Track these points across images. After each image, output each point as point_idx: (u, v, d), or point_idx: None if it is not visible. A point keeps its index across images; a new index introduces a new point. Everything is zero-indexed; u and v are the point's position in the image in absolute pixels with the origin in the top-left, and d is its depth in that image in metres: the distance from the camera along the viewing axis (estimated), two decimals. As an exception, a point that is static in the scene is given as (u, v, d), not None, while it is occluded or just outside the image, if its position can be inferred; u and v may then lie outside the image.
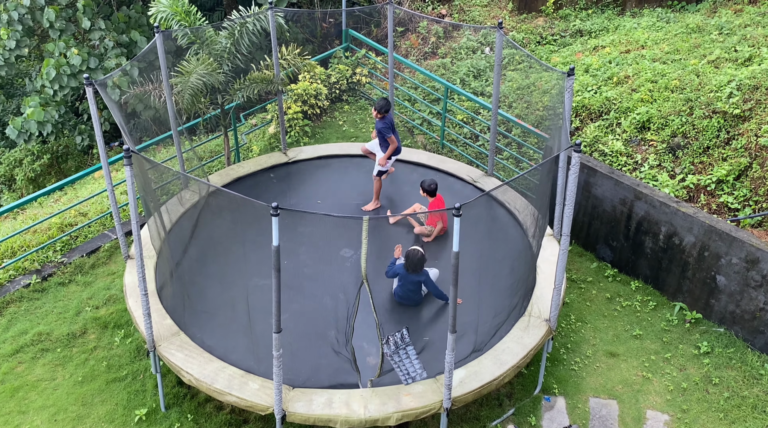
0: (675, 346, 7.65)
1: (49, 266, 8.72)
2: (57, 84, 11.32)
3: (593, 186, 8.51)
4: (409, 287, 7.03)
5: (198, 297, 7.16)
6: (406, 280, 7.02)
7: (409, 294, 7.08)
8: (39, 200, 10.97)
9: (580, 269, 8.70)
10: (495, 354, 6.55)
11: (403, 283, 7.05)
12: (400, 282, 7.09)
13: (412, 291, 7.06)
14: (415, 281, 7.00)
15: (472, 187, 8.92)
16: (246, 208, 6.83)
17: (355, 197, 8.79)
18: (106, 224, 9.42)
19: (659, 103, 9.24)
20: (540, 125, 10.10)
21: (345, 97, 11.85)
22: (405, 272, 7.00)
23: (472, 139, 10.61)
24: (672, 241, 7.94)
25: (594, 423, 6.89)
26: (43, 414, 6.98)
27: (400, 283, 7.10)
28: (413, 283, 7.01)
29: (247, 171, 9.17)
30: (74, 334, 7.82)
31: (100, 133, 7.10)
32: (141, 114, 11.20)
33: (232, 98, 8.90)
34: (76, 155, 13.50)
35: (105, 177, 7.39)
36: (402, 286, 7.08)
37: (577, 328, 7.90)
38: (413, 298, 7.11)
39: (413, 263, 6.94)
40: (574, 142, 5.74)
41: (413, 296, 7.09)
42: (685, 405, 7.03)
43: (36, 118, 11.44)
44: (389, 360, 6.56)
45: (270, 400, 6.11)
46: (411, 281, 7.00)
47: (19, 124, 11.52)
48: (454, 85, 10.47)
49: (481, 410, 6.97)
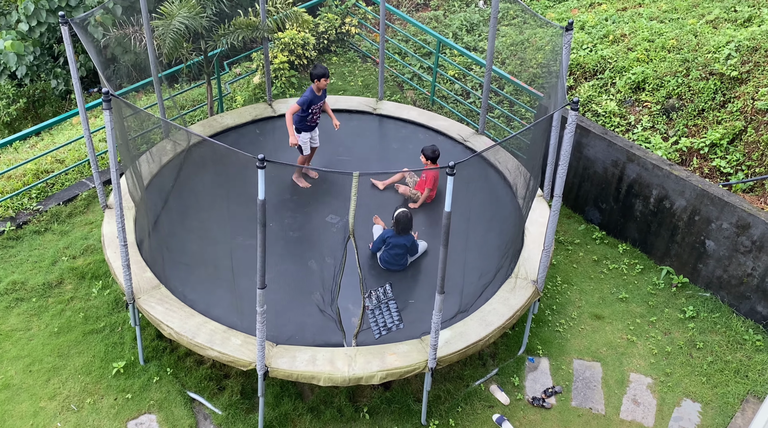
0: (660, 310, 7.64)
1: (24, 213, 8.45)
2: (35, 20, 10.78)
3: (585, 146, 8.35)
4: (397, 250, 6.87)
5: (179, 250, 6.97)
6: (394, 243, 6.85)
7: (395, 258, 6.91)
8: (14, 145, 10.60)
9: (568, 231, 8.61)
10: (481, 315, 6.47)
11: (391, 247, 6.88)
12: (387, 247, 6.92)
13: (399, 255, 6.90)
14: (402, 244, 6.84)
15: (462, 147, 8.71)
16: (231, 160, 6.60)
17: (342, 154, 8.55)
18: (84, 172, 9.12)
19: (655, 63, 9.04)
20: (533, 83, 9.86)
21: (333, 47, 11.49)
22: (393, 235, 6.84)
23: (463, 95, 10.36)
24: (663, 205, 7.85)
25: (577, 385, 6.88)
26: (18, 365, 6.82)
27: (386, 248, 6.93)
28: (401, 246, 6.86)
29: (230, 122, 8.87)
30: (50, 284, 7.62)
31: (76, 75, 6.77)
32: (120, 59, 10.76)
33: (216, 45, 8.54)
34: (54, 100, 13.03)
35: (82, 122, 7.08)
36: (389, 250, 6.91)
37: (563, 290, 7.85)
38: (400, 263, 6.95)
39: (403, 224, 6.78)
40: (571, 99, 5.55)
41: (400, 260, 6.94)
42: (668, 368, 7.05)
43: (16, 50, 10.88)
44: (369, 315, 6.47)
45: (252, 356, 6.00)
46: (399, 243, 6.84)
47: None
48: (447, 39, 10.16)
49: (464, 369, 6.93)
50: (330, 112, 8.05)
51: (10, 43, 10.87)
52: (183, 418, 6.46)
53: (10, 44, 10.86)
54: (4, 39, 11.06)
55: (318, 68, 7.52)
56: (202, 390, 6.68)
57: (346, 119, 9.16)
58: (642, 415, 6.64)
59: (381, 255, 6.99)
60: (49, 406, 6.50)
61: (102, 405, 6.53)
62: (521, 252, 7.10)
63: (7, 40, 10.95)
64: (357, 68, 11.23)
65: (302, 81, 10.82)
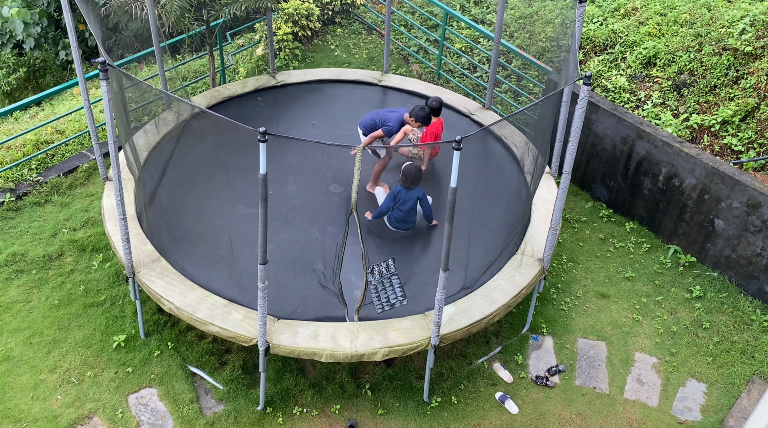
0: (667, 289, 7.54)
1: (23, 184, 8.35)
2: None
3: (594, 123, 8.19)
4: (408, 205, 6.78)
5: (178, 224, 6.87)
6: (405, 199, 6.77)
7: (406, 215, 6.83)
8: (15, 115, 10.47)
9: (575, 208, 8.49)
10: (486, 292, 6.39)
11: (402, 202, 6.80)
12: (398, 204, 6.83)
13: (409, 210, 6.81)
14: (413, 198, 6.77)
15: (468, 120, 8.56)
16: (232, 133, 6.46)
17: (346, 127, 8.40)
18: (85, 143, 9.00)
19: (667, 37, 8.83)
20: (542, 57, 9.67)
21: (338, 19, 11.26)
22: (402, 190, 6.75)
23: (470, 69, 10.16)
24: (672, 183, 7.71)
25: (581, 364, 6.82)
26: (18, 337, 6.78)
27: (398, 205, 6.84)
28: (411, 201, 6.77)
29: (232, 93, 8.72)
30: (50, 256, 7.55)
31: (75, 43, 6.60)
32: (123, 28, 10.55)
33: (218, 15, 8.35)
34: (55, 70, 12.85)
35: (81, 92, 6.94)
36: (400, 207, 6.82)
37: (569, 268, 7.75)
38: (410, 219, 6.88)
39: (412, 176, 6.71)
40: (584, 74, 5.39)
41: (410, 216, 6.86)
42: (674, 348, 6.97)
43: (22, 17, 10.63)
44: (371, 290, 6.39)
45: (254, 331, 5.93)
46: (410, 198, 6.76)
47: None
48: (454, 11, 9.93)
49: (467, 347, 6.87)
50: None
51: (17, 10, 10.64)
52: (184, 392, 6.42)
53: (16, 11, 10.63)
54: (9, 6, 10.84)
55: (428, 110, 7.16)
56: (204, 365, 6.63)
57: (352, 91, 9.01)
58: (646, 395, 6.58)
59: (390, 214, 6.89)
60: (50, 379, 6.46)
61: (102, 378, 6.50)
62: (528, 229, 6.99)
63: (13, 8, 10.73)
64: (362, 40, 11.03)
65: (306, 53, 10.63)
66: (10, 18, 10.60)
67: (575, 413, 6.43)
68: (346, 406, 6.38)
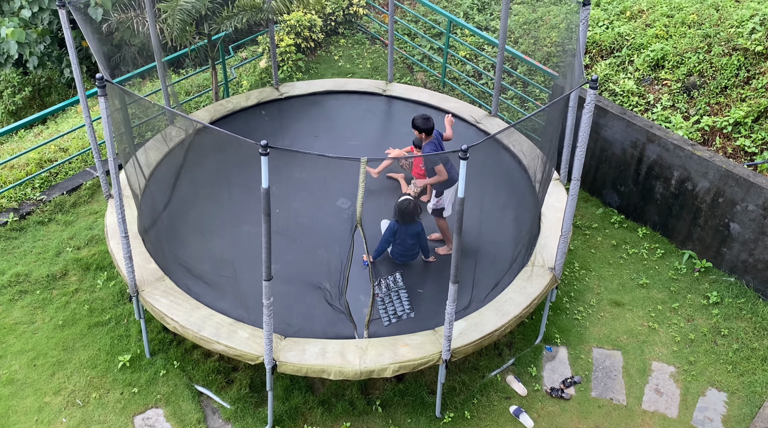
0: (683, 296, 7.36)
1: (27, 204, 8.28)
2: (37, 5, 10.55)
3: (603, 127, 8.04)
4: (408, 241, 6.56)
5: (181, 242, 6.76)
6: (403, 234, 6.55)
7: (407, 249, 6.61)
8: (19, 134, 10.43)
9: (585, 215, 8.33)
10: (497, 304, 6.23)
11: (401, 239, 6.57)
12: (396, 241, 6.63)
13: (411, 245, 6.60)
14: (414, 232, 6.55)
15: (474, 129, 8.43)
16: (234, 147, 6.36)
17: (351, 137, 8.29)
18: (88, 161, 8.93)
19: (675, 39, 8.68)
20: (547, 62, 9.54)
21: (341, 29, 11.19)
22: (398, 226, 6.54)
23: (475, 76, 10.04)
24: (684, 187, 7.54)
25: (597, 374, 6.65)
26: (22, 359, 6.68)
27: (396, 241, 6.65)
28: (411, 236, 6.55)
29: (236, 106, 8.64)
30: (54, 276, 7.46)
31: (75, 60, 6.54)
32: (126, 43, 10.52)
33: (220, 28, 8.28)
34: (60, 88, 12.84)
35: (83, 109, 6.87)
36: (400, 242, 6.60)
37: (581, 276, 7.58)
38: (412, 253, 6.67)
39: (408, 213, 6.45)
40: (590, 77, 5.26)
41: (412, 250, 6.64)
42: (692, 356, 6.79)
43: (17, 38, 10.64)
44: (378, 303, 6.25)
45: (260, 349, 5.81)
46: (409, 233, 6.54)
47: None
48: (458, 18, 9.83)
49: (480, 360, 6.71)
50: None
51: (11, 30, 10.63)
52: (191, 412, 6.30)
53: (11, 32, 10.62)
54: (6, 26, 10.82)
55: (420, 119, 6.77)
56: (210, 384, 6.51)
57: (356, 102, 8.91)
58: (665, 405, 6.39)
59: (392, 249, 6.72)
60: (54, 401, 6.35)
61: (108, 399, 6.38)
62: (537, 238, 6.84)
63: (9, 28, 10.72)
64: (365, 50, 10.94)
65: (309, 64, 10.55)
66: (5, 38, 10.59)
67: (592, 426, 6.25)
68: (357, 423, 6.23)
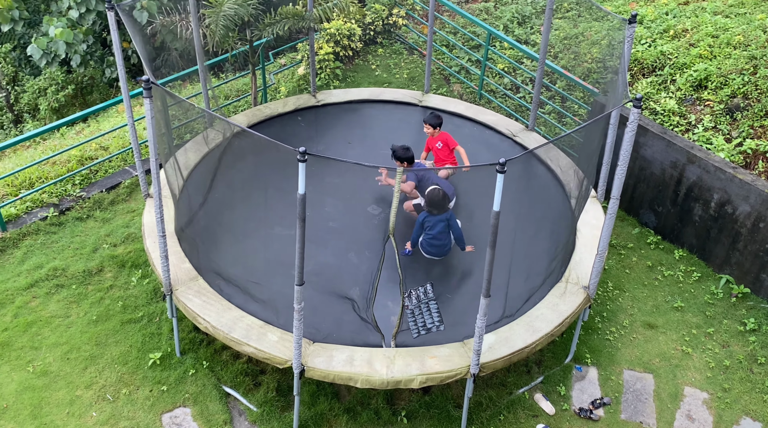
0: (719, 321, 7.20)
1: (67, 200, 8.46)
2: (84, 7, 10.82)
3: (642, 146, 7.93)
4: (438, 228, 6.51)
5: (215, 243, 6.84)
6: (432, 224, 6.53)
7: (437, 240, 6.57)
8: (61, 131, 10.68)
9: (621, 234, 8.21)
10: (528, 320, 6.17)
11: (431, 227, 6.55)
12: (427, 230, 6.62)
13: (441, 233, 6.54)
14: (442, 220, 6.51)
15: (510, 142, 8.39)
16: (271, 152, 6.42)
17: (384, 147, 8.30)
18: (128, 160, 9.10)
19: (719, 60, 8.55)
20: (587, 78, 9.46)
21: (379, 39, 11.25)
22: (428, 216, 6.53)
23: (512, 90, 10.00)
24: (724, 210, 7.40)
25: (627, 397, 6.53)
26: (56, 352, 6.80)
27: (426, 231, 6.63)
28: (440, 223, 6.50)
29: (273, 112, 8.73)
30: (90, 272, 7.59)
31: (121, 62, 6.68)
32: (169, 46, 10.71)
33: (261, 34, 8.39)
34: (102, 87, 13.13)
35: (126, 110, 7.00)
36: (429, 232, 6.57)
37: (615, 296, 7.47)
38: (442, 243, 6.61)
39: (437, 203, 6.45)
40: (635, 96, 5.19)
41: (441, 240, 6.58)
42: (726, 383, 6.63)
43: (65, 38, 10.93)
44: (408, 314, 6.24)
45: (289, 353, 5.83)
46: (438, 221, 6.49)
47: (44, 44, 11.03)
48: (498, 31, 9.81)
49: (508, 376, 6.65)
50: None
51: (60, 31, 10.93)
52: (218, 413, 6.34)
53: (59, 32, 10.92)
54: (54, 26, 11.13)
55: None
56: (238, 385, 6.55)
57: (392, 112, 8.93)
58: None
59: (421, 242, 6.70)
60: (85, 395, 6.45)
61: (137, 396, 6.46)
62: (572, 256, 6.76)
63: (58, 28, 11.02)
64: (403, 60, 10.98)
65: (346, 73, 10.62)
66: (54, 38, 10.88)
67: (620, 449, 6.14)
68: (381, 433, 6.21)
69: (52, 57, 11.25)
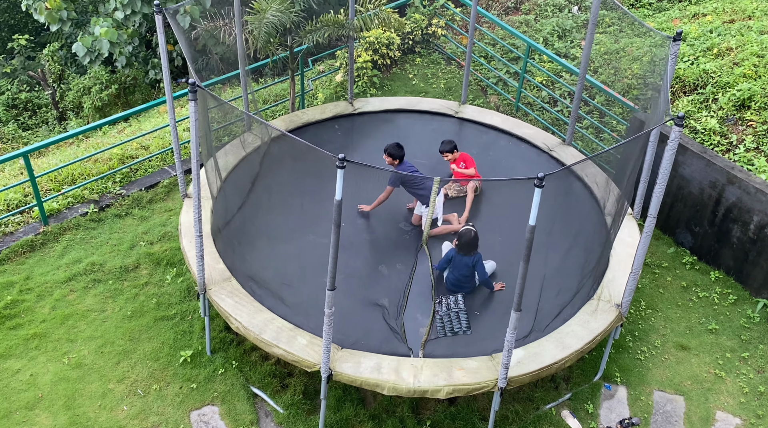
0: (754, 346, 7.06)
1: (107, 197, 8.66)
2: (130, 8, 11.10)
3: (681, 165, 7.83)
4: (462, 271, 6.49)
5: (250, 245, 6.94)
6: (459, 264, 6.50)
7: (461, 279, 6.54)
8: (103, 129, 10.94)
9: (656, 253, 8.11)
10: (558, 336, 6.13)
11: (457, 266, 6.53)
12: (452, 267, 6.59)
13: (465, 276, 6.52)
14: (469, 264, 6.48)
15: (546, 156, 8.35)
16: (309, 158, 6.50)
17: (420, 157, 8.34)
18: (167, 160, 9.28)
19: (764, 79, 8.40)
20: (627, 94, 9.38)
21: (418, 48, 11.30)
22: (456, 254, 6.52)
23: (550, 103, 9.96)
24: (764, 232, 7.26)
25: (657, 418, 6.43)
26: (91, 345, 6.95)
27: (451, 268, 6.60)
28: (466, 267, 6.49)
29: (310, 118, 8.83)
30: (127, 268, 7.75)
31: (166, 63, 6.83)
32: (211, 50, 10.92)
33: (302, 41, 8.51)
34: (144, 88, 13.43)
35: (168, 111, 7.16)
36: (454, 271, 6.55)
37: (647, 316, 7.37)
38: (467, 284, 6.58)
39: (466, 243, 6.42)
40: (677, 114, 5.15)
41: (467, 282, 6.56)
42: (760, 410, 6.49)
43: (109, 37, 11.23)
44: (437, 321, 6.24)
45: (317, 357, 5.88)
46: (464, 264, 6.48)
47: (89, 42, 11.34)
48: (537, 44, 9.78)
49: (535, 391, 6.60)
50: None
51: (105, 30, 11.22)
52: (245, 413, 6.41)
53: (104, 31, 11.21)
54: (100, 26, 11.43)
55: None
56: (266, 386, 6.62)
57: (427, 122, 8.96)
58: (727, 459, 6.14)
59: (447, 276, 6.69)
60: (117, 389, 6.58)
61: (167, 392, 6.57)
62: (605, 273, 6.70)
63: (103, 27, 11.31)
64: (440, 70, 11.01)
65: (384, 81, 10.69)
66: (99, 37, 11.18)
67: (648, 471, 6.05)
68: (406, 442, 6.22)
69: (96, 55, 11.54)
